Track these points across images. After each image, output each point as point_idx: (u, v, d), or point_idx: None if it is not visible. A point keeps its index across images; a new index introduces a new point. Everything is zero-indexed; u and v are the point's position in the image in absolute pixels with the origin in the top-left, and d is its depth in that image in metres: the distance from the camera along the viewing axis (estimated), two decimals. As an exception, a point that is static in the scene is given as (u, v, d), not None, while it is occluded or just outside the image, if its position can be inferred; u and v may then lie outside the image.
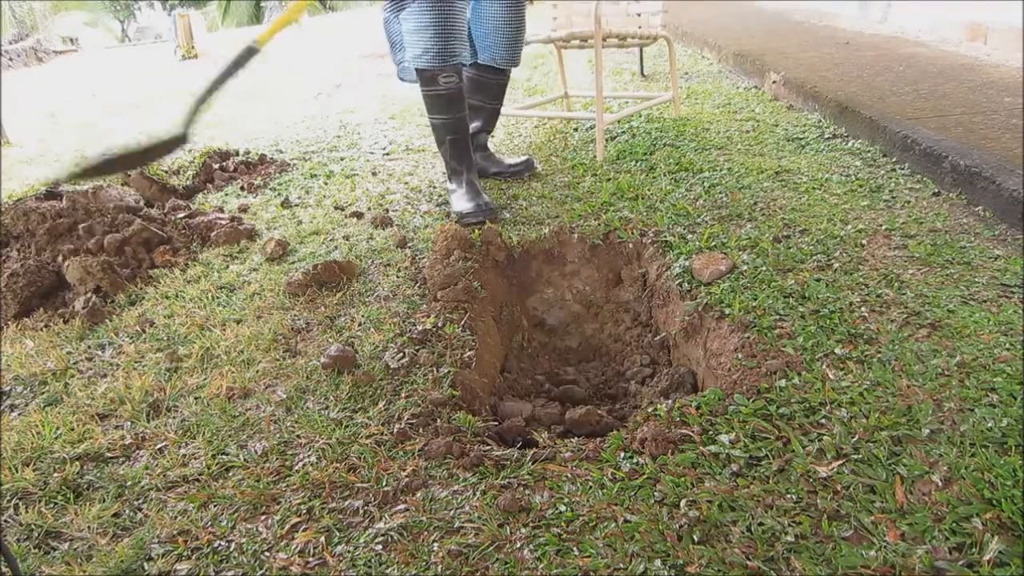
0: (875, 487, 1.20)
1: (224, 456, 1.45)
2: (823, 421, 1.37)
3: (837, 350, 1.57)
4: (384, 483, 1.32)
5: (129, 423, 1.60)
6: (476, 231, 2.38)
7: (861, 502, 1.17)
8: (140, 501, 1.35)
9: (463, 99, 2.60)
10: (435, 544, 1.17)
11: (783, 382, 1.49)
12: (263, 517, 1.28)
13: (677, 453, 1.33)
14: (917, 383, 1.44)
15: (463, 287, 2.04)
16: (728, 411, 1.42)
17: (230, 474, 1.40)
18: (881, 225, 2.19)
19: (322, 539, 1.21)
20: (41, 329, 2.12)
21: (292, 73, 7.37)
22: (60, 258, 2.38)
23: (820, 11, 6.85)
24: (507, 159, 3.07)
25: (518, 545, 1.15)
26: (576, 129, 3.75)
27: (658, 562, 1.09)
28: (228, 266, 2.41)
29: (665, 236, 2.25)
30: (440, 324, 1.88)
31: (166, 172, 3.45)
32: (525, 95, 4.85)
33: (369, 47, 8.63)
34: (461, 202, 2.60)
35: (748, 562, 1.08)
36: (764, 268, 1.96)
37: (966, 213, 2.27)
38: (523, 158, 3.04)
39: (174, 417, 1.61)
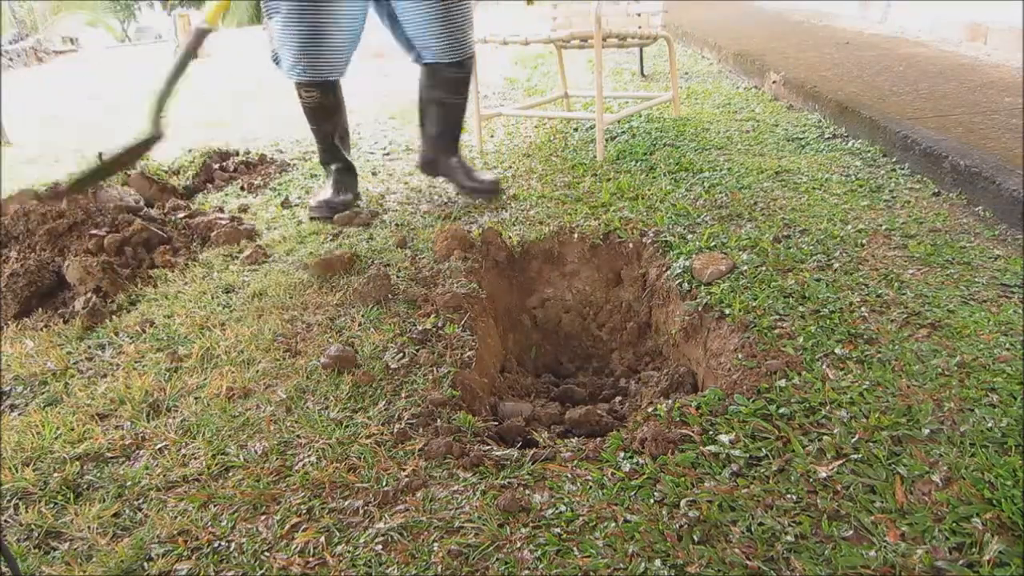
0: (875, 487, 1.20)
1: (224, 456, 1.45)
2: (823, 421, 1.37)
3: (837, 350, 1.57)
4: (384, 483, 1.32)
5: (129, 423, 1.60)
6: (477, 231, 2.38)
7: (861, 502, 1.17)
8: (140, 501, 1.35)
9: (329, 114, 2.61)
10: (435, 544, 1.17)
11: (783, 382, 1.49)
12: (263, 517, 1.27)
13: (677, 453, 1.33)
14: (917, 383, 1.44)
15: (463, 287, 2.04)
16: (728, 411, 1.42)
17: (230, 474, 1.40)
18: (881, 225, 2.19)
19: (322, 539, 1.21)
20: (41, 329, 2.12)
21: (292, 73, 7.35)
22: (60, 258, 2.38)
23: (820, 11, 6.85)
24: (477, 173, 2.84)
25: (518, 545, 1.15)
26: (576, 129, 3.75)
27: (658, 562, 1.09)
28: (228, 266, 2.41)
29: (665, 236, 2.25)
30: (440, 324, 1.88)
31: (166, 172, 3.45)
32: (525, 95, 4.85)
33: (369, 47, 8.61)
34: (318, 195, 2.72)
35: (748, 562, 1.08)
36: (764, 268, 1.96)
37: (966, 213, 2.27)
38: (490, 178, 2.80)
39: (174, 417, 1.61)
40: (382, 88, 5.71)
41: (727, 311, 1.79)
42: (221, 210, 2.97)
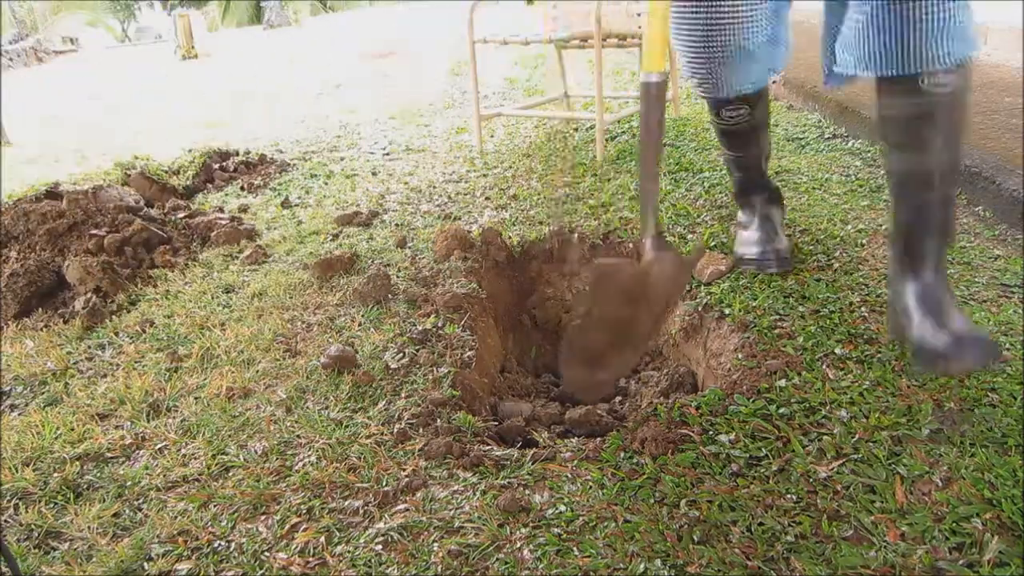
0: (875, 487, 1.20)
1: (224, 456, 1.45)
2: (823, 421, 1.37)
3: (837, 350, 1.57)
4: (384, 483, 1.32)
5: (129, 423, 1.60)
6: (477, 231, 2.38)
7: (861, 502, 1.17)
8: (140, 501, 1.35)
9: (753, 135, 1.95)
10: (435, 544, 1.17)
11: (783, 382, 1.49)
12: (263, 517, 1.27)
13: (677, 453, 1.33)
14: (917, 383, 1.44)
15: (463, 287, 2.04)
16: (728, 411, 1.42)
17: (230, 474, 1.40)
18: (881, 225, 2.19)
19: (322, 539, 1.21)
20: (41, 329, 2.12)
21: (292, 73, 7.37)
22: (60, 258, 2.38)
23: (820, 11, 6.84)
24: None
25: (518, 545, 1.15)
26: (576, 129, 3.75)
27: (658, 562, 1.09)
28: (228, 266, 2.41)
29: (665, 236, 2.25)
30: (440, 324, 1.88)
31: (166, 172, 3.45)
32: (525, 95, 4.85)
33: (369, 47, 8.63)
34: (745, 244, 2.01)
35: (748, 562, 1.08)
36: (764, 268, 1.96)
37: (966, 213, 2.26)
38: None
39: (174, 417, 1.61)
40: (382, 88, 5.71)
41: (727, 311, 1.79)
42: (221, 210, 2.97)
